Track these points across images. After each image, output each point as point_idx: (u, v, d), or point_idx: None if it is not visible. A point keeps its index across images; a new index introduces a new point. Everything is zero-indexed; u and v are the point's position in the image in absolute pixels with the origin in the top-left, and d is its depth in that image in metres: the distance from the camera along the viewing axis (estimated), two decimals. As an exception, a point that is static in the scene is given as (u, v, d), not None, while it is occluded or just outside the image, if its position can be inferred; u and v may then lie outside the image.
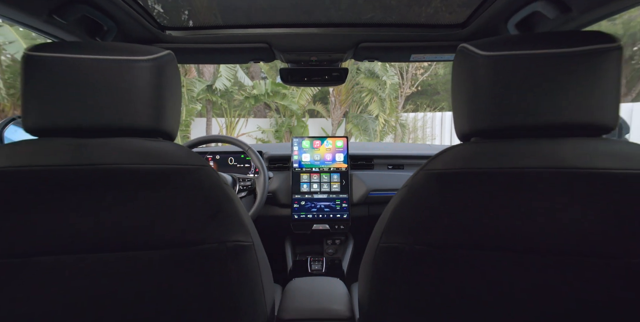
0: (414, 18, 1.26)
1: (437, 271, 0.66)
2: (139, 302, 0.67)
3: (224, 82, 7.82)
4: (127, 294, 0.67)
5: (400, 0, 1.18)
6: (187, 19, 1.25)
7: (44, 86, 0.63)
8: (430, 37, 1.28)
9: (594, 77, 0.58)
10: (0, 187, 0.59)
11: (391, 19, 1.27)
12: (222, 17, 1.25)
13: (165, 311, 0.69)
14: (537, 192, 0.59)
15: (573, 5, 0.85)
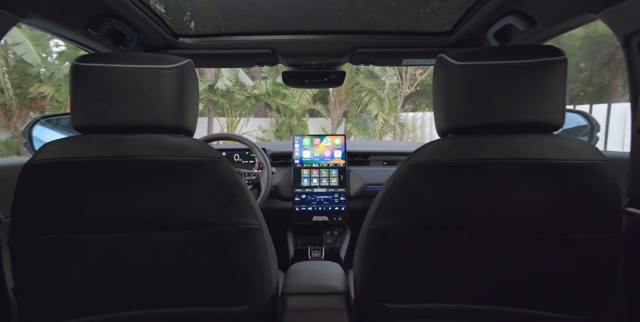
0: (405, 26, 1.39)
1: (420, 248, 0.78)
2: (165, 274, 0.79)
3: (226, 82, 7.94)
4: (155, 268, 0.79)
5: (392, 11, 1.30)
6: (199, 27, 1.37)
7: (88, 91, 0.75)
8: (420, 44, 1.40)
9: (544, 84, 0.70)
10: (52, 175, 0.71)
11: (384, 27, 1.39)
12: (230, 25, 1.37)
13: (187, 282, 0.81)
14: (499, 179, 0.72)
15: (538, 20, 0.97)
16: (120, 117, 0.76)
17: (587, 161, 0.68)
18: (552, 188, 0.70)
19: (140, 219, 0.75)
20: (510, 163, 0.70)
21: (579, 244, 0.72)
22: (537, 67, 0.70)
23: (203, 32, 1.38)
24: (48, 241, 0.73)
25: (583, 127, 1.41)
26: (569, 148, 0.70)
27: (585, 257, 0.73)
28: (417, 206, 0.76)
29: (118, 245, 0.77)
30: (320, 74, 1.64)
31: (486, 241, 0.76)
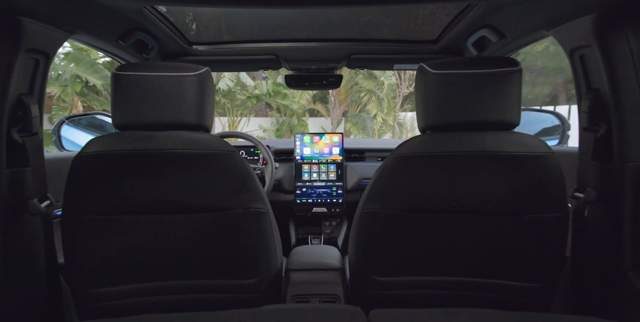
0: (396, 35, 1.54)
1: (403, 229, 0.93)
2: (187, 251, 0.94)
3: (227, 83, 8.09)
4: (178, 245, 0.94)
5: (384, 21, 1.45)
6: (210, 35, 1.52)
7: (125, 95, 0.90)
8: (409, 51, 1.56)
9: (503, 89, 0.85)
10: (96, 165, 0.86)
11: (377, 35, 1.54)
12: (237, 34, 1.52)
13: (205, 258, 0.96)
14: (468, 168, 0.87)
15: (507, 34, 1.12)
16: (151, 117, 0.91)
17: (537, 153, 0.83)
18: (510, 176, 0.85)
19: (166, 203, 0.90)
20: (477, 155, 0.85)
21: (533, 222, 0.87)
22: (498, 75, 0.85)
23: (214, 40, 1.53)
24: (92, 220, 0.88)
25: (557, 127, 1.56)
26: (523, 142, 0.85)
27: (538, 233, 0.88)
28: (401, 192, 0.91)
29: (148, 225, 0.91)
30: (319, 78, 1.79)
31: (459, 222, 0.91)
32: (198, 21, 1.41)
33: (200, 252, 0.95)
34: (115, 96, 0.90)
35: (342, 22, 1.44)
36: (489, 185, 0.87)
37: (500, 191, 0.87)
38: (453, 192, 0.89)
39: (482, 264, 0.94)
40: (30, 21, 0.83)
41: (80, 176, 0.87)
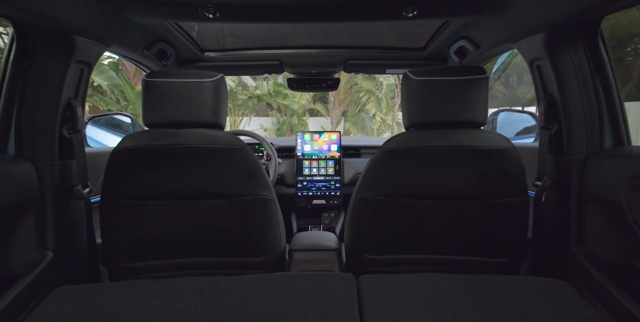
0: (388, 43, 1.71)
1: (391, 212, 1.09)
2: (204, 232, 1.10)
3: (229, 83, 8.25)
4: (197, 227, 1.09)
5: (377, 30, 1.61)
6: (220, 43, 1.69)
7: (154, 98, 1.06)
8: (400, 57, 1.72)
9: (473, 94, 1.02)
10: (130, 157, 1.03)
11: (371, 43, 1.71)
12: (244, 41, 1.69)
13: (220, 238, 1.12)
14: (444, 160, 1.03)
15: (481, 44, 1.29)
16: (175, 117, 1.07)
17: (500, 147, 1.00)
18: (479, 166, 1.02)
19: (187, 190, 1.06)
20: (451, 149, 1.02)
21: (499, 206, 1.04)
22: (468, 82, 1.01)
23: (223, 47, 1.70)
24: (126, 204, 1.04)
25: (533, 126, 1.73)
26: (489, 138, 1.02)
27: (503, 216, 1.04)
28: (388, 180, 1.07)
29: (172, 209, 1.07)
30: (319, 80, 1.96)
31: (437, 206, 1.07)
32: (210, 31, 1.57)
33: (216, 233, 1.11)
34: (145, 99, 1.06)
35: (339, 31, 1.61)
36: (461, 174, 1.03)
37: (471, 179, 1.03)
38: (431, 180, 1.05)
39: (457, 243, 1.10)
40: (80, 38, 1.00)
41: (116, 166, 1.03)
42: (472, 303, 0.79)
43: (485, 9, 1.03)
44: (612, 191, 0.91)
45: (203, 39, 1.61)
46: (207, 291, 0.85)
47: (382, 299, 0.82)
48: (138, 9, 1.02)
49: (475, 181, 1.03)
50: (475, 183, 1.03)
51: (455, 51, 1.47)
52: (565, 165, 1.06)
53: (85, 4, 0.91)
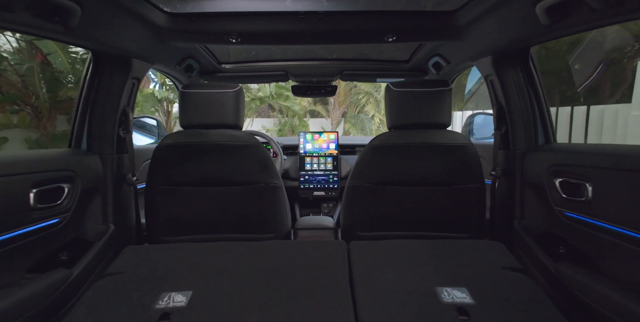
0: (378, 56, 2.01)
1: (377, 197, 1.38)
2: (226, 212, 1.38)
3: (232, 85, 8.54)
4: (220, 208, 1.38)
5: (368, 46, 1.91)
6: (234, 57, 1.99)
7: (188, 105, 1.36)
8: (388, 68, 2.02)
9: (439, 102, 1.31)
10: (169, 152, 1.32)
11: (363, 56, 2.01)
12: (256, 55, 1.99)
13: (239, 218, 1.40)
14: (418, 154, 1.32)
15: (450, 61, 1.59)
16: (205, 120, 1.37)
17: (460, 144, 1.30)
18: (444, 159, 1.31)
19: (214, 178, 1.36)
20: (423, 145, 1.31)
21: (461, 191, 1.33)
22: (436, 92, 1.31)
23: (237, 60, 2.00)
24: (166, 189, 1.34)
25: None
26: (451, 137, 1.31)
27: (465, 199, 1.33)
28: (374, 170, 1.36)
29: (201, 194, 1.37)
30: (319, 87, 2.26)
31: (412, 191, 1.36)
32: (227, 47, 1.87)
33: (235, 214, 1.40)
34: (181, 106, 1.36)
35: (336, 47, 1.91)
36: (431, 165, 1.32)
37: (439, 169, 1.32)
38: (408, 170, 1.34)
39: (430, 221, 1.38)
40: (136, 60, 1.30)
41: (159, 159, 1.33)
42: (430, 256, 1.09)
43: (447, 36, 1.33)
44: (539, 177, 1.20)
45: (221, 54, 1.91)
46: (233, 251, 1.15)
47: (365, 255, 1.12)
48: (179, 37, 1.32)
49: (442, 170, 1.32)
50: (442, 172, 1.32)
51: (432, 65, 1.77)
52: (511, 158, 1.36)
53: (144, 36, 1.22)
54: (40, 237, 1.04)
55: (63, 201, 1.11)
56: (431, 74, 1.90)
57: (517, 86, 1.29)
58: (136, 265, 1.06)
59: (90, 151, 1.30)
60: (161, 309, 0.87)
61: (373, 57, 2.02)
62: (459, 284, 0.96)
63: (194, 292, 0.93)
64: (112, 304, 0.89)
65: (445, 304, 0.88)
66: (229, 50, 1.91)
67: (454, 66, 1.64)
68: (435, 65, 1.77)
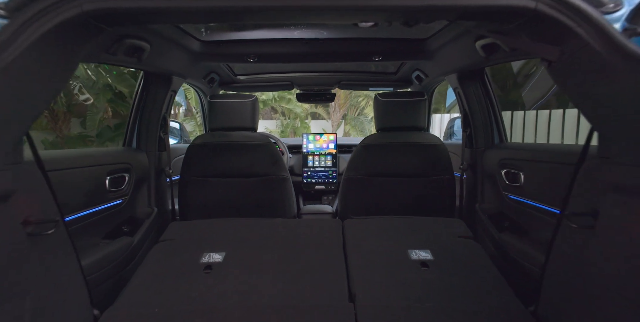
0: (370, 69, 2.35)
1: (367, 186, 1.72)
2: (244, 200, 1.73)
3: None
4: (240, 196, 1.72)
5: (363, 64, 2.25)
6: (248, 69, 2.33)
7: (215, 112, 1.71)
8: (378, 79, 2.37)
9: (416, 109, 1.66)
10: (199, 150, 1.67)
11: (358, 69, 2.35)
12: (266, 68, 2.33)
13: (254, 204, 1.74)
14: (399, 151, 1.67)
15: (428, 75, 1.94)
16: (227, 124, 1.72)
17: (433, 143, 1.64)
18: (420, 155, 1.65)
19: (234, 171, 1.70)
20: (404, 144, 1.65)
21: (435, 181, 1.67)
22: (413, 102, 1.66)
23: (250, 72, 2.34)
24: (196, 181, 1.69)
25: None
26: (426, 137, 1.66)
27: (438, 188, 1.67)
28: (365, 165, 1.70)
29: (224, 184, 1.71)
30: (319, 95, 2.61)
31: (397, 182, 1.70)
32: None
33: (251, 200, 1.74)
34: (209, 112, 1.71)
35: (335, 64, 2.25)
36: (410, 160, 1.67)
37: (416, 163, 1.66)
38: (391, 164, 1.68)
39: (410, 207, 1.71)
40: (175, 77, 1.65)
41: (191, 156, 1.67)
42: (405, 228, 1.43)
43: (421, 57, 1.69)
44: (493, 169, 1.54)
45: (237, 68, 2.26)
46: (252, 225, 1.49)
47: (355, 229, 1.45)
48: (209, 58, 1.67)
49: (418, 164, 1.66)
50: (419, 166, 1.67)
51: (414, 77, 2.12)
52: (474, 154, 1.69)
53: (183, 59, 1.57)
54: (110, 213, 1.38)
55: (125, 187, 1.45)
56: (415, 84, 2.24)
57: (477, 97, 1.63)
58: (181, 235, 1.40)
59: (139, 149, 1.64)
60: (205, 263, 1.21)
61: (366, 70, 2.37)
62: (424, 247, 1.30)
63: (227, 253, 1.27)
64: (170, 259, 1.24)
65: (412, 260, 1.22)
66: (244, 65, 2.25)
67: (431, 79, 1.99)
68: (417, 78, 2.12)
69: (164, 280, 1.14)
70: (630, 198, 0.67)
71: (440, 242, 1.34)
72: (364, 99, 10.47)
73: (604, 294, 0.73)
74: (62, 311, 0.86)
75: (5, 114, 0.70)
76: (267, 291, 1.09)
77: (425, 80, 2.07)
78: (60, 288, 0.86)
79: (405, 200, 1.71)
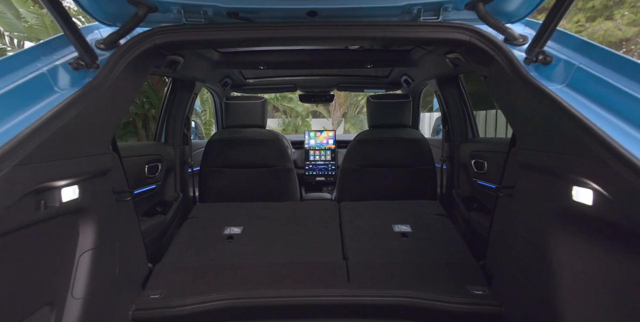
0: (365, 73, 2.65)
1: (361, 176, 2.03)
2: (255, 187, 2.03)
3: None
4: (251, 184, 2.03)
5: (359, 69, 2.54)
6: (256, 74, 2.62)
7: (230, 112, 2.01)
8: (372, 82, 2.67)
9: (402, 110, 1.96)
10: (217, 144, 1.98)
11: (354, 73, 2.65)
12: (272, 73, 2.63)
13: (264, 191, 2.05)
14: (388, 145, 1.97)
15: (414, 79, 2.24)
16: (240, 122, 2.02)
17: (416, 138, 1.94)
18: (406, 149, 1.95)
19: (247, 163, 2.00)
20: (391, 138, 1.96)
21: (419, 171, 1.97)
22: (400, 103, 1.96)
23: (258, 76, 2.64)
24: (214, 171, 1.99)
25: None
26: (410, 133, 1.96)
27: (422, 177, 1.97)
28: (359, 157, 2.01)
29: (237, 174, 2.01)
30: (320, 96, 2.91)
31: (386, 172, 2.00)
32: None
33: (261, 188, 2.04)
34: (226, 112, 2.01)
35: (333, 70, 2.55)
36: (396, 153, 1.96)
37: (402, 155, 1.96)
38: (381, 156, 1.98)
39: (398, 194, 2.01)
40: (197, 82, 1.94)
41: (210, 149, 1.97)
42: (390, 209, 1.73)
43: (406, 65, 1.98)
44: (466, 160, 1.84)
45: (247, 72, 2.55)
46: (263, 206, 1.79)
47: (350, 209, 1.75)
48: (226, 66, 1.97)
49: (404, 157, 1.96)
50: (404, 158, 1.96)
51: (403, 80, 2.42)
52: (452, 148, 1.99)
53: (205, 67, 1.87)
54: (148, 195, 1.68)
55: (158, 174, 1.75)
56: (404, 87, 2.54)
57: (453, 99, 1.92)
58: (205, 213, 1.71)
59: (167, 143, 1.94)
60: (227, 234, 1.51)
61: (361, 74, 2.66)
62: (406, 222, 1.59)
63: (244, 227, 1.57)
64: (199, 231, 1.54)
65: (395, 232, 1.52)
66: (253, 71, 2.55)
67: (417, 83, 2.29)
68: (405, 81, 2.41)
69: (196, 245, 1.44)
70: (532, 172, 0.97)
71: (419, 219, 1.64)
72: (363, 98, 10.74)
73: (517, 242, 1.02)
74: (130, 261, 1.16)
75: (109, 117, 1.01)
76: (278, 253, 1.39)
77: (412, 84, 2.36)
78: (129, 243, 1.16)
79: (393, 187, 2.01)
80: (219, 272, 1.28)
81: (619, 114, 0.72)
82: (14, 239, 0.72)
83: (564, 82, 0.86)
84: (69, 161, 0.84)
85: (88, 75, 0.91)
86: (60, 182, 0.81)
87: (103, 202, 1.00)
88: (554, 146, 0.84)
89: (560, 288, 0.83)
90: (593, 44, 0.85)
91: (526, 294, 0.98)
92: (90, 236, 0.93)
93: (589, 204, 0.72)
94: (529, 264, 0.96)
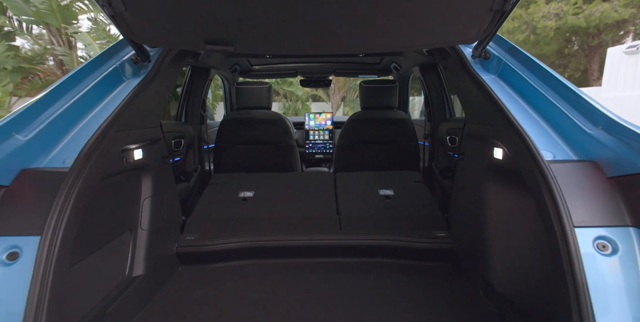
0: (360, 61, 2.93)
1: (354, 151, 2.37)
2: (263, 160, 2.38)
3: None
4: (259, 158, 2.37)
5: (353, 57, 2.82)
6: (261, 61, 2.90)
7: (241, 95, 2.33)
8: (366, 68, 2.96)
9: (389, 93, 2.27)
10: (229, 123, 2.30)
11: (349, 60, 2.93)
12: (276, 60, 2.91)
13: (270, 163, 2.39)
14: (377, 124, 2.29)
15: (402, 66, 2.54)
16: (250, 104, 2.34)
17: (401, 118, 2.26)
18: (393, 127, 2.28)
19: (255, 140, 2.34)
20: (380, 118, 2.28)
21: (404, 147, 2.30)
22: (388, 87, 2.26)
23: (263, 63, 2.92)
24: (227, 147, 2.33)
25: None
26: (396, 113, 2.28)
27: (407, 152, 2.31)
28: (352, 134, 2.33)
29: (248, 149, 2.35)
30: (319, 81, 3.20)
31: (375, 147, 2.34)
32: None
33: (267, 161, 2.37)
34: (237, 96, 2.32)
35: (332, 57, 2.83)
36: (384, 130, 2.29)
37: (390, 132, 2.29)
38: (371, 134, 2.31)
39: (384, 166, 2.34)
40: (212, 69, 2.24)
41: (224, 127, 2.30)
42: (377, 177, 2.07)
43: (393, 53, 2.27)
44: (443, 136, 2.16)
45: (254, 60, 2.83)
46: (271, 176, 2.13)
47: (344, 178, 2.09)
48: (237, 55, 2.26)
49: (391, 134, 2.29)
50: (391, 135, 2.29)
51: (392, 67, 2.70)
52: (432, 126, 2.31)
53: (219, 57, 2.16)
54: (175, 166, 2.02)
55: (181, 149, 2.07)
56: (394, 73, 2.83)
57: (434, 85, 2.22)
58: (223, 181, 2.05)
59: (187, 122, 2.26)
60: (241, 196, 1.86)
61: (356, 61, 2.95)
62: (389, 187, 1.94)
63: (255, 192, 1.91)
64: (219, 194, 1.88)
65: (380, 195, 1.86)
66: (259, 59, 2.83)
67: (404, 69, 2.58)
68: (394, 68, 2.71)
69: (218, 204, 1.79)
70: (473, 140, 1.29)
71: (401, 185, 1.98)
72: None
73: (466, 194, 1.36)
74: (171, 211, 1.51)
75: (159, 98, 1.34)
76: (283, 210, 1.74)
77: (401, 70, 2.66)
78: (171, 197, 1.51)
79: (382, 160, 2.35)
80: (237, 223, 1.63)
81: (524, 98, 1.04)
82: (113, 180, 1.06)
83: (496, 73, 1.17)
84: (138, 130, 1.17)
85: (144, 68, 1.22)
86: (133, 145, 1.14)
87: (155, 163, 1.33)
88: (484, 120, 1.16)
89: (487, 223, 1.18)
90: (517, 48, 1.16)
91: (469, 232, 1.33)
92: (148, 187, 1.27)
93: (500, 158, 1.05)
94: (472, 209, 1.30)
